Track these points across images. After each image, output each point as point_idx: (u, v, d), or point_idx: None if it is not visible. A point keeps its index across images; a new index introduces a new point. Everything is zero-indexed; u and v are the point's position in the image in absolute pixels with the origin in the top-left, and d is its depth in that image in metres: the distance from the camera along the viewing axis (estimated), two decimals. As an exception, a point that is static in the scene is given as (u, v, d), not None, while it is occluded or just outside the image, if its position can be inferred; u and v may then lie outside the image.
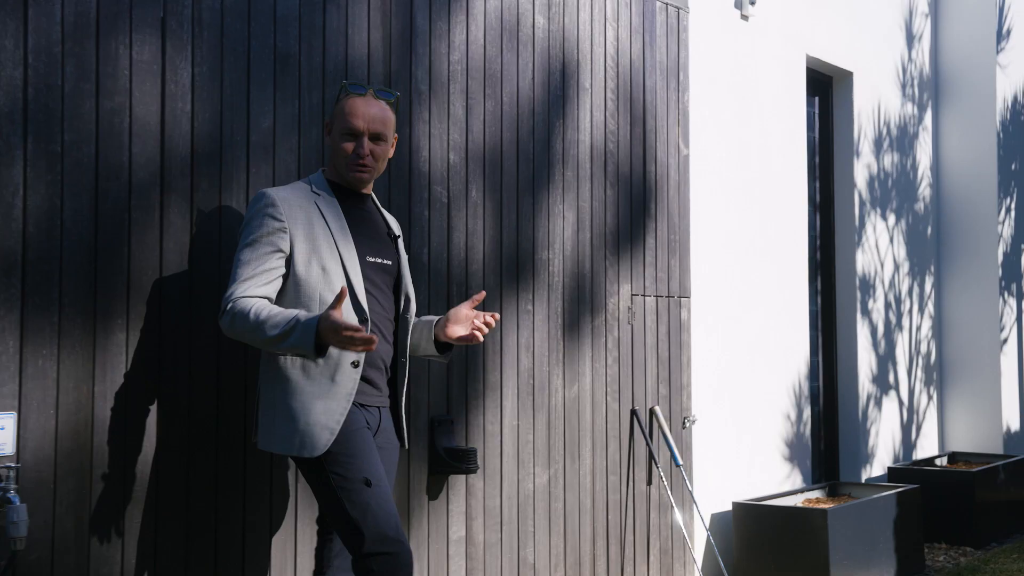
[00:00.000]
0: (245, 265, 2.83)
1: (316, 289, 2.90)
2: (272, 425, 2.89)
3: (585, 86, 4.60)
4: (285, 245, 2.86)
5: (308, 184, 3.01)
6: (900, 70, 7.25)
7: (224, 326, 2.82)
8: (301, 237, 2.88)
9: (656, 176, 4.97)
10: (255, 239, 2.84)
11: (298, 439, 2.83)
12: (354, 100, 2.99)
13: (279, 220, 2.86)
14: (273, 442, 2.89)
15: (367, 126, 2.98)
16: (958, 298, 7.56)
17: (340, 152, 2.98)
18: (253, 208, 2.90)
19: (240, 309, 2.77)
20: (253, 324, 2.74)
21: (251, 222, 2.88)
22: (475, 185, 4.06)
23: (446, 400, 3.90)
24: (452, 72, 3.98)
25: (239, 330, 2.78)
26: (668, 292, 5.02)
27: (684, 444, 5.07)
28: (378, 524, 2.78)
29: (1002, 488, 6.59)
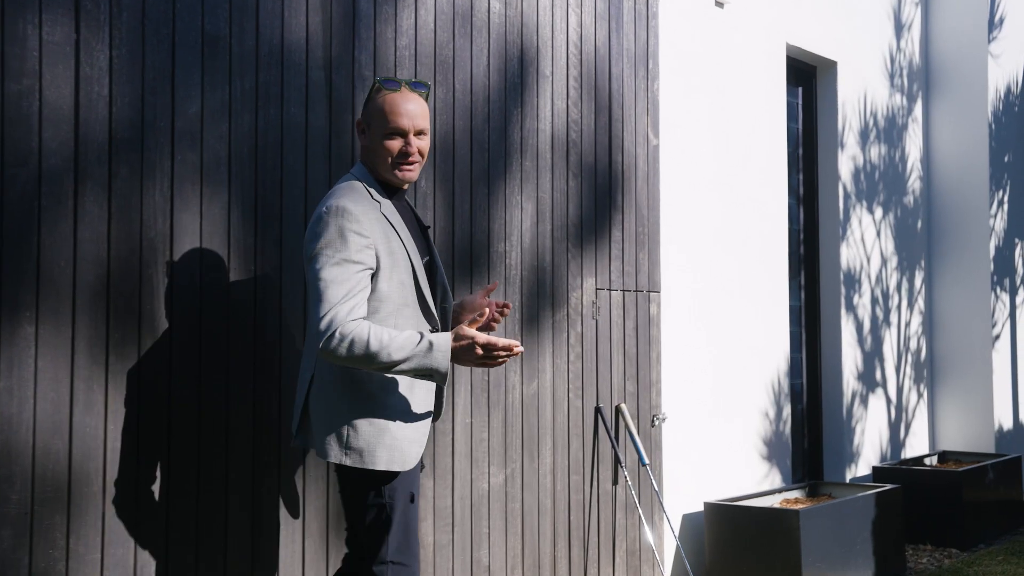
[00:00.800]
0: (339, 285, 2.73)
1: (396, 303, 2.87)
2: (351, 439, 2.82)
3: (545, 73, 4.46)
4: (372, 262, 2.80)
5: (365, 188, 2.91)
6: (888, 60, 7.09)
7: (331, 350, 2.70)
8: (383, 252, 2.84)
9: (623, 167, 4.83)
10: (344, 258, 2.75)
11: (386, 454, 2.82)
12: (392, 97, 2.91)
13: (365, 237, 2.79)
14: (354, 457, 2.82)
15: (411, 123, 2.91)
16: (949, 293, 7.40)
17: (384, 151, 2.91)
18: (333, 223, 2.77)
19: (356, 334, 2.69)
20: (375, 348, 2.70)
21: (334, 240, 2.76)
22: (424, 175, 3.92)
23: (392, 397, 3.77)
24: (399, 58, 3.85)
25: (355, 355, 2.70)
26: (636, 286, 4.88)
27: (653, 443, 4.93)
28: (408, 536, 2.88)
29: (991, 488, 6.42)
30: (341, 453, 2.82)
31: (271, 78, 3.40)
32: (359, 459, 2.82)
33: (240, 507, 3.26)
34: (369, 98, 2.97)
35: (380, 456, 2.82)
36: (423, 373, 2.78)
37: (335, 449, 2.82)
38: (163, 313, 3.09)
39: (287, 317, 3.42)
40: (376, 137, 2.92)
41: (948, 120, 7.45)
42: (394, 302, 2.87)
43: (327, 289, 2.72)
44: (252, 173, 3.34)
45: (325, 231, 2.77)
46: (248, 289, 3.31)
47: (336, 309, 2.70)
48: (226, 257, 3.26)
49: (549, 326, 4.42)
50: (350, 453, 2.82)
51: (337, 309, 2.70)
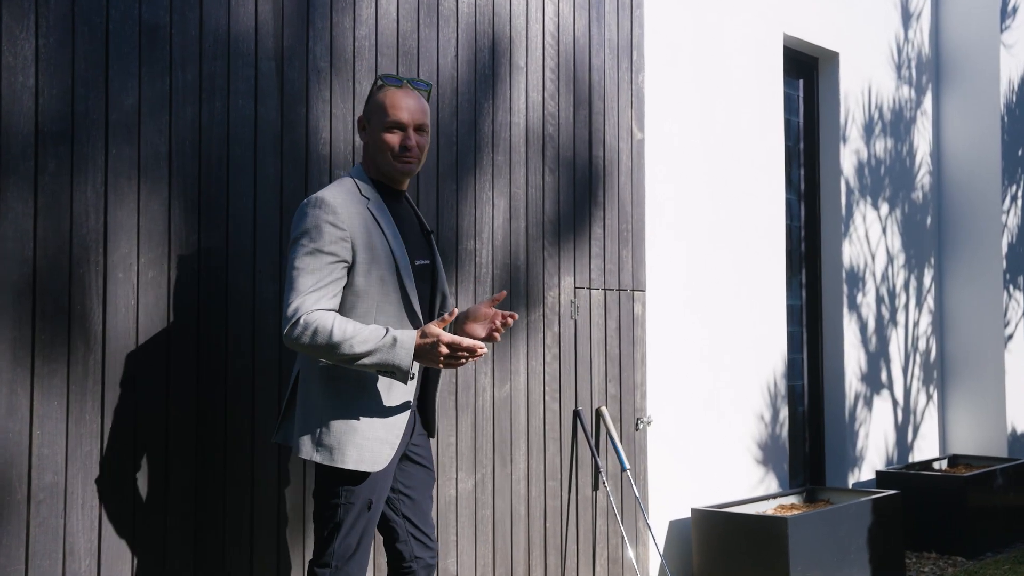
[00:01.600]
0: (309, 274, 2.72)
1: (375, 300, 2.83)
2: (322, 436, 2.79)
3: (520, 65, 4.31)
4: (348, 255, 2.78)
5: (354, 184, 2.90)
6: (895, 51, 6.87)
7: (295, 338, 2.69)
8: (361, 246, 2.81)
9: (605, 161, 4.67)
10: (317, 248, 2.74)
11: (356, 453, 2.78)
12: (393, 92, 2.93)
13: (341, 229, 2.77)
14: (324, 454, 2.79)
15: (411, 117, 2.92)
16: (960, 292, 7.16)
17: (384, 145, 2.90)
18: (311, 214, 2.76)
19: (319, 323, 2.67)
20: (338, 339, 2.67)
21: (310, 229, 2.75)
22: (386, 169, 3.78)
23: (351, 400, 3.63)
24: (358, 48, 3.71)
25: (317, 344, 2.68)
26: (619, 285, 4.71)
27: (637, 447, 4.76)
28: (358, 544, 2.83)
29: (1000, 494, 6.20)
30: (312, 450, 2.80)
31: (216, 69, 3.27)
32: (328, 456, 2.78)
33: (184, 516, 3.13)
34: (370, 95, 2.98)
35: (349, 455, 2.78)
36: (385, 370, 2.74)
37: (307, 446, 2.81)
38: (97, 314, 2.97)
39: (233, 318, 3.29)
40: (376, 131, 2.92)
41: (958, 113, 7.22)
42: (372, 298, 2.83)
43: (297, 278, 2.72)
44: (195, 168, 3.21)
45: (302, 222, 2.77)
46: (191, 289, 3.18)
47: (303, 298, 2.70)
48: (166, 255, 3.13)
49: (523, 326, 4.27)
50: (321, 450, 2.79)
51: (304, 298, 2.70)
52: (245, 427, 3.31)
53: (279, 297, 3.41)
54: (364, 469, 2.79)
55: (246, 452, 3.31)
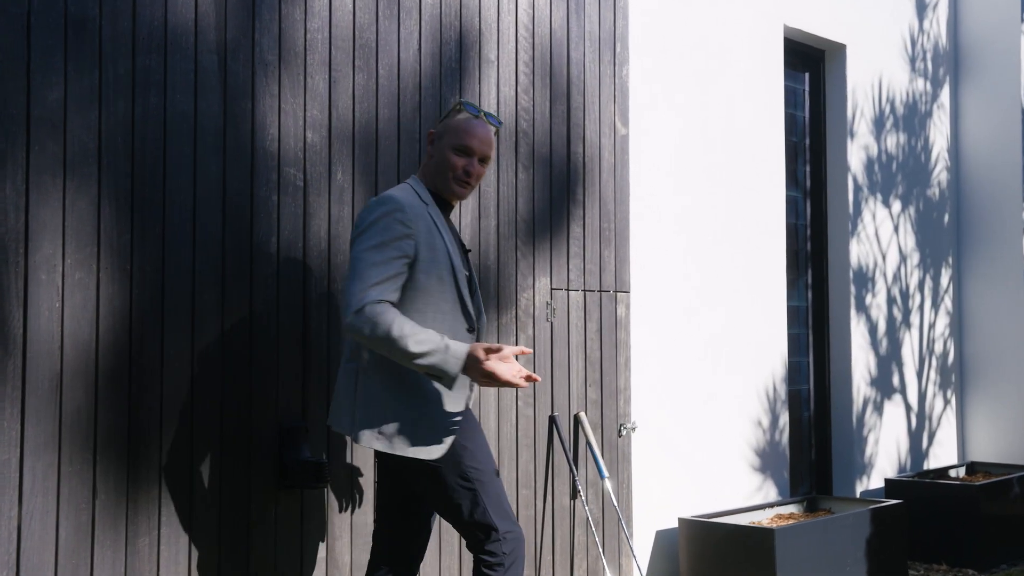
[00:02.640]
0: (374, 267, 2.86)
1: (433, 298, 2.97)
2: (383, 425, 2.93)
3: (490, 58, 4.16)
4: (412, 252, 2.92)
5: (414, 190, 3.06)
6: (908, 42, 6.62)
7: (358, 327, 2.81)
8: (424, 245, 2.95)
9: (585, 158, 4.50)
10: (383, 242, 2.88)
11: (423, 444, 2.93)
12: (470, 119, 3.11)
13: (407, 226, 2.91)
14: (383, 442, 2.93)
15: (480, 147, 3.10)
16: (979, 292, 6.89)
17: (448, 164, 3.07)
18: (378, 210, 2.92)
19: (382, 315, 2.80)
20: (396, 334, 2.79)
21: (376, 224, 2.90)
22: (341, 167, 3.65)
23: (301, 405, 3.51)
24: (310, 42, 3.59)
25: (376, 335, 2.80)
26: (600, 286, 4.54)
27: (620, 454, 4.59)
28: (506, 511, 3.01)
29: (1016, 503, 5.92)
30: (373, 438, 2.94)
31: (152, 63, 3.16)
32: (388, 444, 2.93)
33: (112, 527, 3.02)
34: (447, 114, 3.15)
35: (411, 442, 2.92)
36: (434, 372, 2.87)
37: (367, 434, 2.94)
38: (17, 317, 2.87)
39: (170, 323, 3.17)
40: (445, 149, 3.09)
41: (978, 106, 6.94)
42: (432, 296, 2.96)
43: (363, 269, 2.85)
44: (128, 165, 3.10)
45: (369, 216, 2.92)
46: (123, 292, 3.07)
47: (369, 289, 2.82)
48: (95, 256, 3.02)
49: (494, 329, 4.11)
50: (380, 438, 2.94)
51: (369, 289, 2.83)
52: (184, 436, 3.19)
53: (220, 303, 3.29)
54: (422, 457, 2.93)
55: (185, 462, 3.19)
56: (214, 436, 3.26)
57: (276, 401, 3.43)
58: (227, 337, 3.31)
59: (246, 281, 3.37)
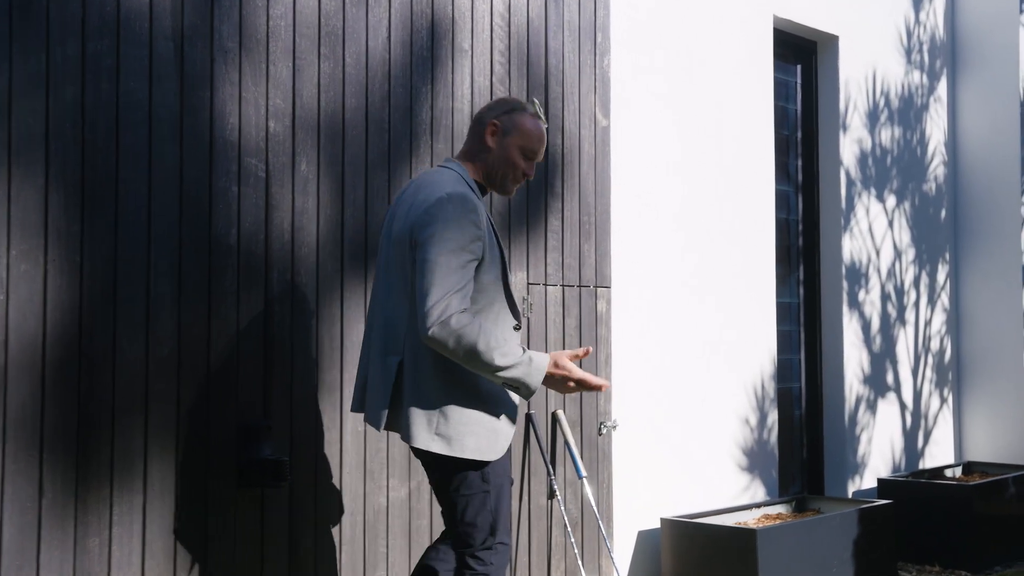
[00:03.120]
0: (454, 272, 2.78)
1: (491, 297, 2.92)
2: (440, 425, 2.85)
3: (464, 47, 4.06)
4: (480, 254, 2.86)
5: (467, 184, 2.98)
6: (904, 34, 6.49)
7: (443, 338, 2.74)
8: (487, 246, 2.91)
9: (563, 150, 4.40)
10: (461, 246, 2.80)
11: (474, 441, 2.86)
12: (538, 124, 3.06)
13: (479, 229, 2.85)
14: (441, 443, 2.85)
15: (541, 151, 3.09)
16: (977, 288, 6.76)
17: (512, 164, 3.03)
18: (453, 209, 2.82)
19: (468, 327, 2.74)
20: (483, 347, 2.75)
21: (452, 224, 2.80)
22: (305, 158, 3.56)
23: (263, 402, 3.41)
24: (273, 28, 3.49)
25: (462, 347, 2.74)
26: (580, 281, 4.44)
27: (601, 452, 4.48)
28: (507, 521, 2.98)
29: (1012, 503, 5.79)
30: (430, 439, 2.84)
31: (103, 48, 3.07)
32: (447, 446, 2.84)
33: (59, 527, 2.93)
34: (514, 110, 3.06)
35: (468, 444, 2.85)
36: (514, 384, 2.85)
37: (424, 435, 2.84)
38: (-41, 309, 2.78)
39: (122, 316, 3.08)
40: (511, 147, 3.02)
41: (975, 99, 6.81)
42: (489, 296, 2.91)
43: (444, 275, 2.75)
44: (78, 152, 3.01)
45: (445, 216, 2.80)
46: (72, 285, 2.98)
47: (451, 297, 2.74)
48: (42, 247, 2.93)
49: (467, 324, 4.01)
50: (438, 439, 2.85)
51: (451, 297, 2.74)
52: (137, 433, 3.10)
53: (175, 296, 3.20)
54: (481, 458, 2.86)
55: (138, 459, 3.10)
56: (169, 433, 3.17)
57: (236, 398, 3.34)
58: (184, 331, 3.22)
59: (204, 273, 3.28)
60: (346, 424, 3.63)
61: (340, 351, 3.63)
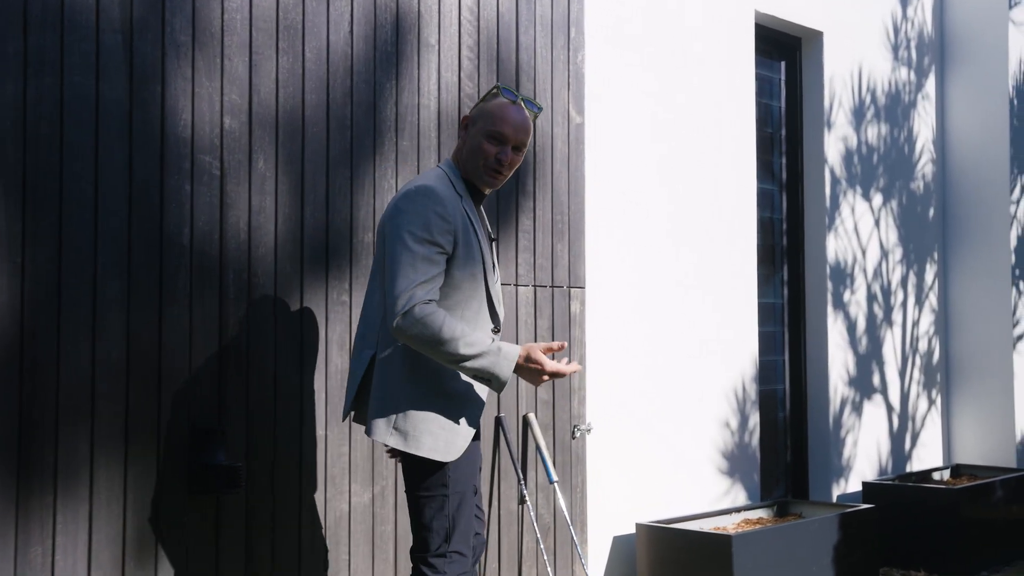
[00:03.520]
0: (420, 263, 2.78)
1: (466, 294, 2.91)
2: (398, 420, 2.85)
3: (430, 42, 3.96)
4: (450, 247, 2.85)
5: (448, 178, 2.96)
6: (891, 30, 6.39)
7: (406, 326, 2.75)
8: (461, 241, 2.88)
9: (536, 148, 4.30)
10: (426, 238, 2.80)
11: (430, 441, 2.84)
12: (505, 105, 2.98)
13: (447, 221, 2.84)
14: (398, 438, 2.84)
15: (514, 134, 2.97)
16: (965, 288, 6.66)
17: (480, 152, 2.96)
18: (419, 202, 2.83)
19: (431, 316, 2.75)
20: (447, 336, 2.74)
21: (417, 217, 2.82)
22: (263, 155, 3.46)
23: (218, 407, 3.32)
24: (228, 22, 3.40)
25: (426, 336, 2.75)
26: (552, 282, 4.34)
27: (574, 456, 4.39)
28: (466, 531, 2.91)
29: (999, 507, 5.70)
30: (387, 433, 2.85)
31: (46, 42, 2.98)
32: (403, 441, 2.84)
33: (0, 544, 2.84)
34: (483, 99, 3.04)
35: (424, 442, 2.84)
36: (483, 375, 2.82)
37: (382, 428, 2.85)
38: None
39: (67, 318, 2.98)
40: (478, 135, 2.97)
41: (964, 96, 6.71)
42: (464, 292, 2.89)
43: (408, 266, 2.77)
44: (19, 150, 2.92)
45: (411, 208, 2.82)
46: (12, 285, 2.89)
47: (414, 289, 2.75)
48: (-18, 247, 2.84)
49: (434, 326, 3.91)
50: (395, 434, 2.85)
51: (415, 289, 2.76)
52: (82, 438, 3.01)
53: (124, 297, 3.11)
54: (437, 458, 2.84)
55: (83, 465, 3.00)
56: (117, 438, 3.08)
57: (188, 402, 3.25)
58: (133, 333, 3.12)
59: (155, 274, 3.18)
60: (305, 429, 3.53)
61: (300, 354, 3.53)
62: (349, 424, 3.65)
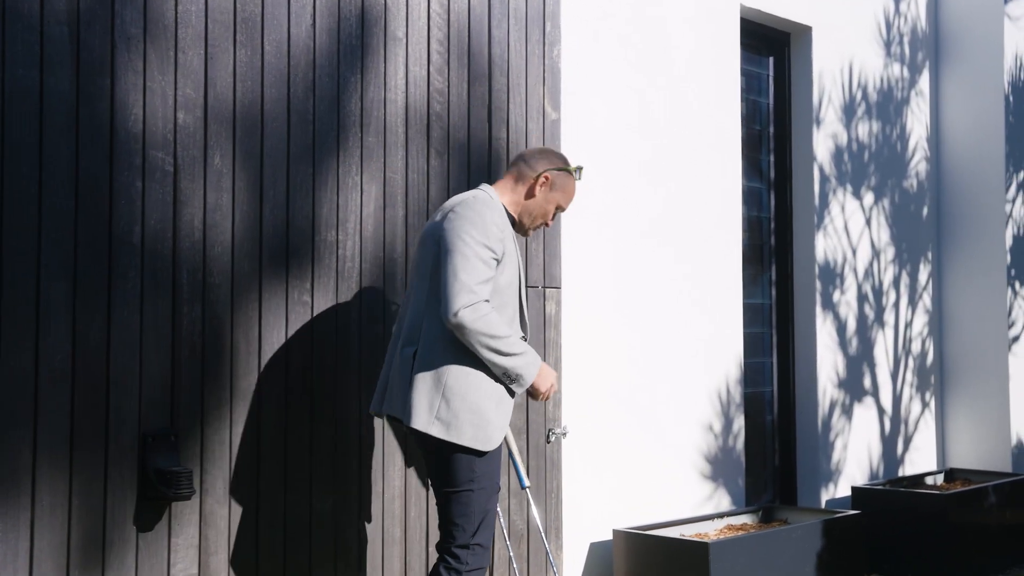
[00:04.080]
0: (481, 265, 3.02)
1: (503, 299, 3.14)
2: (440, 410, 3.02)
3: (397, 36, 3.86)
4: (500, 255, 3.10)
5: (496, 201, 3.23)
6: (883, 25, 6.27)
7: (468, 321, 2.95)
8: (508, 250, 3.15)
9: (509, 144, 4.19)
10: (485, 243, 3.04)
11: (471, 431, 3.02)
12: (574, 184, 3.38)
13: (501, 230, 3.11)
14: (439, 427, 3.01)
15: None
16: (960, 289, 6.53)
17: (540, 211, 3.33)
18: (479, 209, 3.09)
19: (491, 315, 3.01)
20: (500, 333, 3.01)
21: (479, 220, 3.06)
22: (219, 151, 3.36)
23: (169, 411, 3.21)
24: (182, 14, 3.29)
25: (483, 331, 2.98)
26: (527, 282, 4.23)
27: (549, 461, 4.27)
28: (489, 528, 3.12)
29: (992, 513, 5.56)
30: (428, 422, 3.02)
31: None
32: (444, 431, 3.01)
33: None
34: (565, 171, 3.36)
35: (465, 432, 3.02)
36: (513, 375, 3.07)
37: (423, 418, 3.02)
38: None
39: (8, 317, 2.88)
40: (552, 202, 3.34)
41: (958, 92, 6.58)
42: (504, 297, 3.14)
43: (469, 266, 3.00)
44: (-43, 146, 2.82)
45: (470, 215, 3.07)
46: (-50, 284, 2.79)
47: (479, 286, 2.99)
48: (-84, 246, 2.74)
49: (401, 327, 3.81)
50: (437, 423, 3.02)
51: (479, 287, 2.99)
52: (24, 443, 2.90)
53: (70, 298, 3.00)
54: (477, 447, 3.03)
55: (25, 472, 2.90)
56: (62, 445, 2.98)
57: (139, 405, 3.14)
58: (80, 335, 3.02)
59: (103, 274, 3.08)
60: (264, 433, 3.43)
61: (258, 356, 3.43)
62: (309, 426, 3.55)
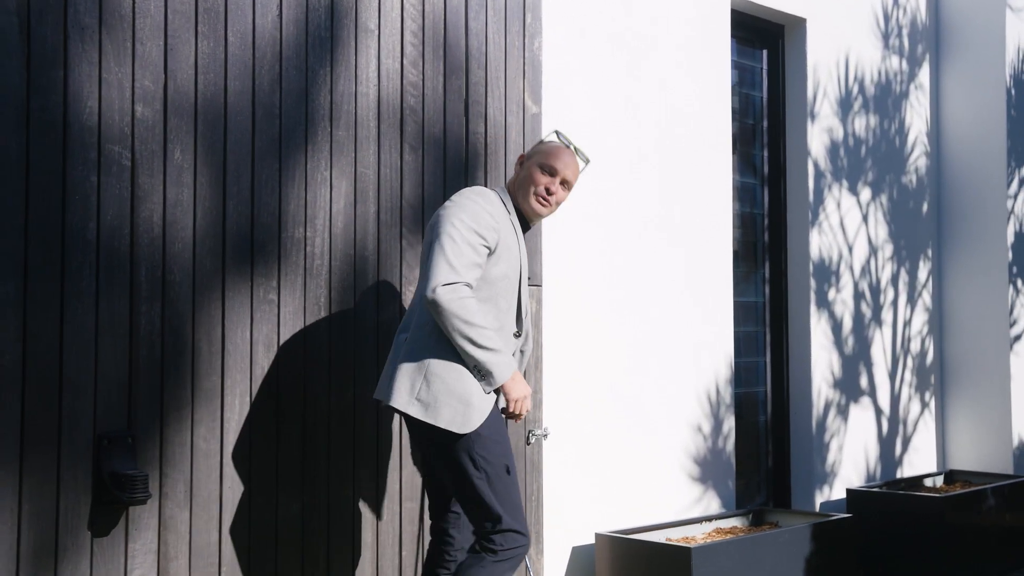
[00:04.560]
0: (467, 248, 3.02)
1: (496, 291, 3.14)
2: (420, 391, 3.04)
3: (369, 27, 3.76)
4: (492, 245, 3.10)
5: (500, 198, 3.25)
6: (881, 17, 6.14)
7: (444, 302, 2.95)
8: (503, 242, 3.14)
9: (487, 138, 4.09)
10: (475, 229, 3.05)
11: (448, 412, 3.01)
12: (558, 145, 3.32)
13: (494, 219, 3.12)
14: (417, 408, 3.04)
15: (564, 169, 3.28)
16: (960, 287, 6.39)
17: (531, 180, 3.26)
18: (472, 199, 3.12)
19: (470, 300, 2.99)
20: (477, 321, 2.99)
21: (469, 210, 3.08)
22: (180, 145, 3.27)
23: (126, 412, 3.12)
24: (140, 4, 3.20)
25: (457, 313, 2.96)
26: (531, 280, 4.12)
27: (530, 463, 4.17)
28: (516, 509, 3.08)
29: (991, 515, 5.43)
30: (409, 402, 3.05)
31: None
32: (423, 411, 3.03)
33: None
34: (541, 142, 3.41)
35: (443, 414, 3.02)
36: (483, 369, 3.03)
37: (403, 397, 3.05)
38: None
39: (-47, 316, 2.80)
40: (532, 166, 3.28)
41: (959, 86, 6.44)
42: (495, 289, 3.13)
43: (460, 247, 3.00)
44: (-100, 140, 2.74)
45: (462, 202, 3.10)
46: None
47: (463, 269, 2.99)
48: None
49: (373, 326, 3.71)
50: (416, 404, 3.04)
51: (463, 269, 2.99)
52: (-30, 444, 2.82)
53: (20, 296, 2.92)
54: (454, 430, 3.02)
55: None
56: (11, 447, 2.89)
57: (93, 407, 3.05)
58: (31, 335, 2.93)
59: (56, 271, 2.99)
60: (227, 435, 3.34)
61: (221, 355, 3.34)
62: (275, 426, 3.46)
